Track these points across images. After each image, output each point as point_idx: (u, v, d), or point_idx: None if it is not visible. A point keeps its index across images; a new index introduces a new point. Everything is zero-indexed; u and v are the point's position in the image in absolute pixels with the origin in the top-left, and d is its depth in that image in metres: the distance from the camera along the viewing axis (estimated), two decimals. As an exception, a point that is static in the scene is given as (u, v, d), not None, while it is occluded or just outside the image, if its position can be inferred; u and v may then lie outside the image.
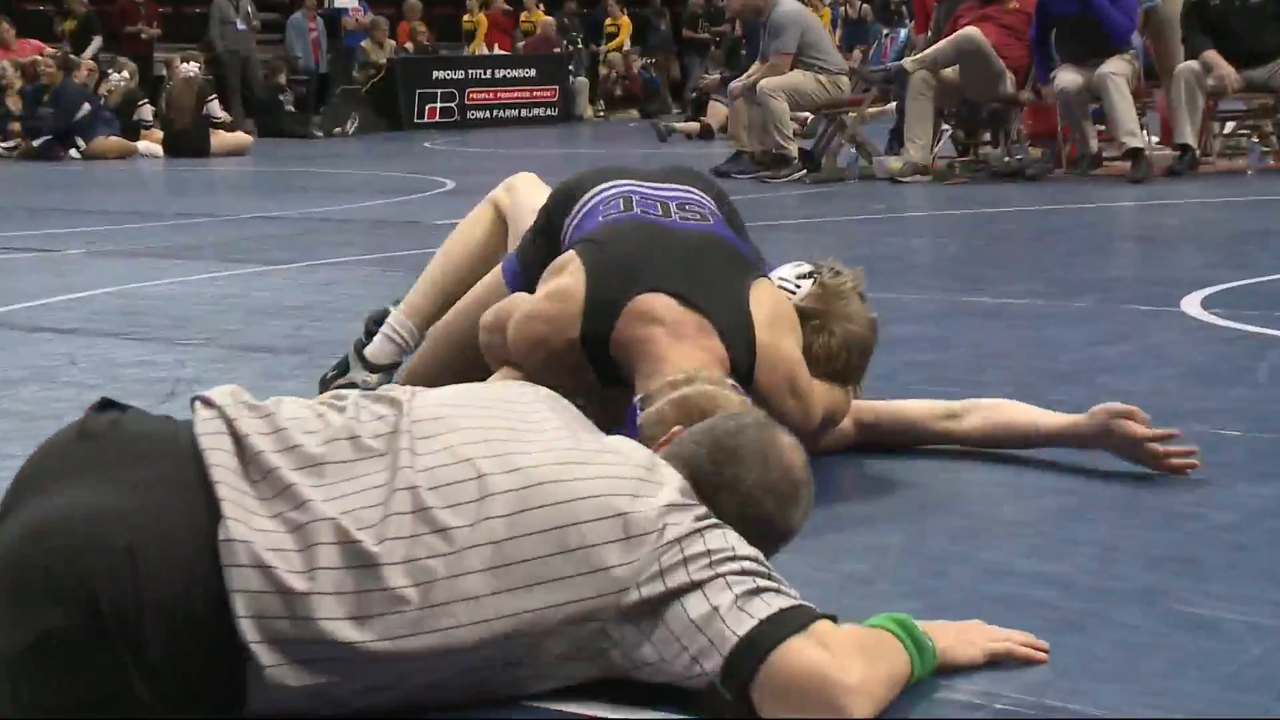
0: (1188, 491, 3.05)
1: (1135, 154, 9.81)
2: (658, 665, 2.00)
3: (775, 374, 3.00)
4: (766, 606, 1.97)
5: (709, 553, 2.00)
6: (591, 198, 3.30)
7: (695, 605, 1.97)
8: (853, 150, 11.42)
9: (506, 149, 17.32)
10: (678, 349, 2.90)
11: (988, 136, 11.07)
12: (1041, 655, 2.20)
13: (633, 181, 3.34)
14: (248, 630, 1.87)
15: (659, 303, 2.97)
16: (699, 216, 3.24)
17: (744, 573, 2.00)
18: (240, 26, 20.48)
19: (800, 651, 1.94)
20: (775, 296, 3.14)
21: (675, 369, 2.78)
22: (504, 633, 1.96)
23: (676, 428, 2.31)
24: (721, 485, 2.14)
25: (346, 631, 1.90)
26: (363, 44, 21.77)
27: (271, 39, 21.71)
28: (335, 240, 8.25)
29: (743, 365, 2.96)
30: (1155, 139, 10.67)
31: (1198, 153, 10.24)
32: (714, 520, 2.07)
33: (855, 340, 3.22)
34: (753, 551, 2.05)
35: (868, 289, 3.30)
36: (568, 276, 3.04)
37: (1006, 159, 10.64)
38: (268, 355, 4.81)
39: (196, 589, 1.87)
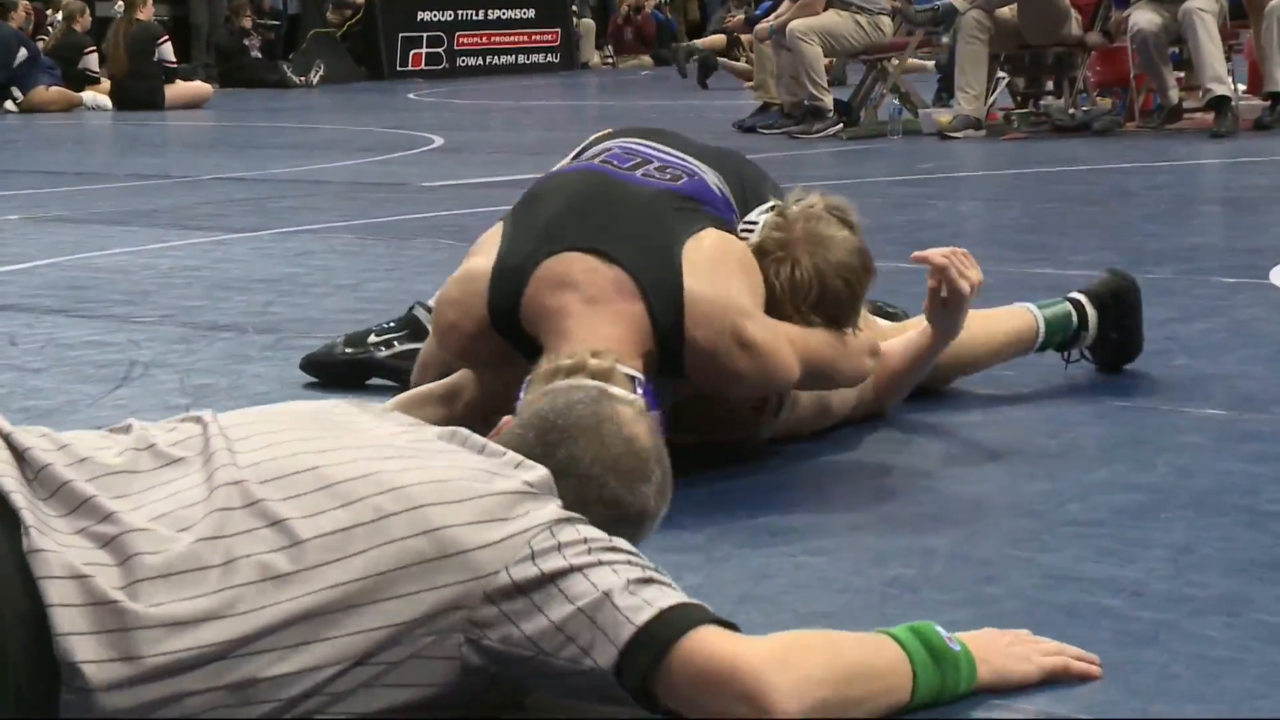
0: (1276, 487, 3.07)
1: (1220, 104, 9.80)
2: (532, 661, 1.96)
3: (711, 326, 2.99)
4: (666, 596, 1.96)
5: (585, 540, 2.00)
6: (601, 144, 3.41)
7: (578, 591, 1.95)
8: (895, 101, 11.41)
9: (502, 101, 17.35)
10: (588, 322, 2.94)
11: (1050, 85, 11.06)
12: (1096, 670, 2.21)
13: (648, 142, 3.39)
14: (75, 648, 1.86)
15: (574, 264, 3.02)
16: (670, 178, 3.26)
17: (630, 562, 2.00)
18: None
19: (715, 639, 1.94)
20: (722, 241, 3.13)
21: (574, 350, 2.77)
22: (356, 629, 1.94)
23: (506, 418, 2.28)
24: (557, 470, 2.10)
25: (180, 639, 1.89)
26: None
27: (234, -26, 21.75)
28: (308, 205, 8.28)
29: (667, 323, 2.98)
30: (1242, 87, 10.65)
31: (1291, 102, 10.24)
32: (572, 513, 2.06)
33: (830, 266, 3.12)
34: (629, 546, 2.04)
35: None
36: (479, 255, 3.12)
37: (1071, 111, 10.64)
38: (232, 334, 4.84)
39: (8, 608, 1.86)
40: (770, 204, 3.26)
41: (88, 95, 17.21)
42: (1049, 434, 3.51)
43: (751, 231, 3.21)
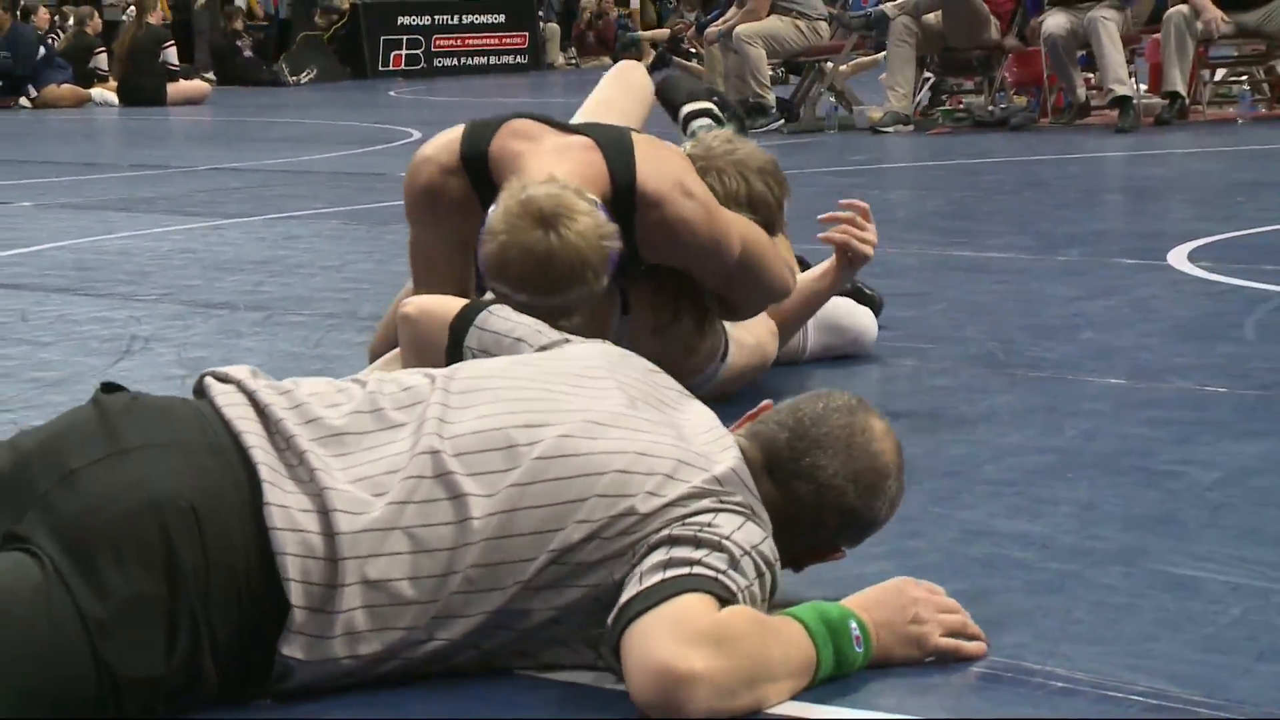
0: (1170, 449, 3.08)
1: (1123, 102, 9.81)
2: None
3: (662, 178, 3.10)
4: (660, 574, 1.93)
5: (708, 526, 1.99)
6: None
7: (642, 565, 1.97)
8: (832, 99, 11.40)
9: (474, 98, 17.28)
10: (548, 161, 3.00)
11: (970, 85, 11.07)
12: (981, 648, 2.11)
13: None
14: (294, 594, 1.91)
15: (534, 124, 3.17)
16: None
17: (695, 559, 1.95)
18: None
19: (646, 633, 1.88)
20: (658, 140, 3.28)
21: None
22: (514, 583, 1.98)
23: (766, 402, 2.26)
24: (799, 474, 2.13)
25: (365, 596, 1.94)
26: (324, -13, 21.68)
27: (229, -18, 21.62)
28: (296, 193, 8.24)
29: (622, 177, 3.08)
30: (1144, 87, 10.68)
31: (1187, 101, 10.26)
32: (741, 508, 2.03)
33: (751, 171, 3.32)
34: (753, 548, 1.99)
35: None
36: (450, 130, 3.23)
37: (990, 108, 10.64)
38: (226, 311, 4.81)
39: (251, 551, 1.91)
40: (686, 138, 3.52)
41: (96, 92, 17.09)
42: (968, 401, 3.51)
43: None
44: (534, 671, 2.07)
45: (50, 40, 17.78)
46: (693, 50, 14.75)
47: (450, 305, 2.59)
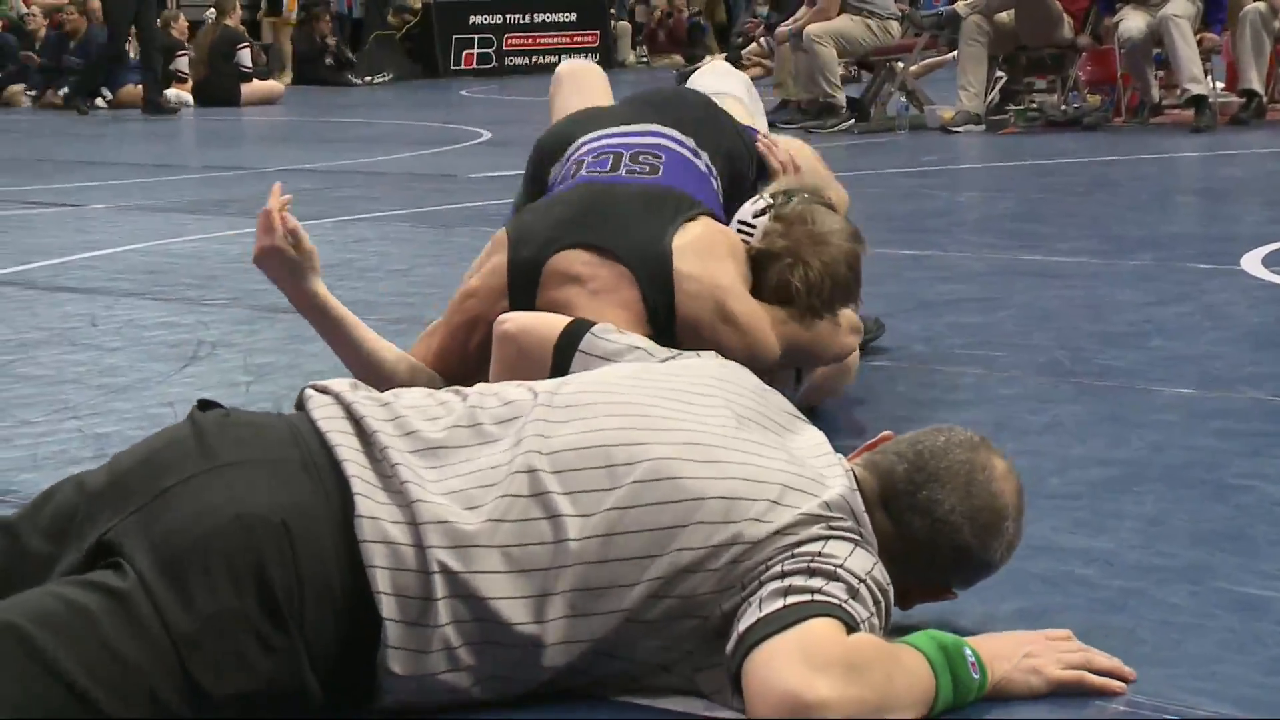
0: (1240, 462, 3.03)
1: (1198, 102, 9.71)
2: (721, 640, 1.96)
3: (697, 301, 3.02)
4: (780, 601, 1.89)
5: (818, 555, 1.94)
6: (581, 147, 3.41)
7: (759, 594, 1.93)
8: (902, 99, 11.34)
9: (545, 97, 17.30)
10: (593, 309, 2.91)
11: (1042, 84, 10.98)
12: (1120, 687, 2.04)
13: (611, 130, 3.42)
14: (385, 607, 1.89)
15: (575, 258, 3.04)
16: (649, 169, 3.29)
17: (813, 587, 1.91)
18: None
19: (772, 658, 1.84)
20: (708, 229, 3.13)
21: None
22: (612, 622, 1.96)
23: (886, 432, 2.22)
24: (915, 507, 2.08)
25: (461, 611, 1.92)
26: (398, -13, 21.78)
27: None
28: (365, 194, 8.25)
29: (659, 304, 3.00)
30: (1221, 85, 10.56)
31: (1265, 99, 10.14)
32: (850, 534, 1.99)
33: (836, 259, 3.10)
34: (865, 574, 1.95)
35: (917, 247, 3.30)
36: (496, 254, 3.12)
37: (1063, 108, 10.55)
38: (292, 317, 4.75)
39: (343, 565, 1.89)
40: (761, 204, 3.22)
41: (173, 93, 17.17)
42: (1032, 411, 3.47)
43: (750, 234, 3.19)
44: (641, 698, 2.03)
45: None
46: (753, 57, 14.63)
47: (553, 323, 2.59)
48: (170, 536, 1.85)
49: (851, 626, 1.89)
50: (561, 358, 2.49)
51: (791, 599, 1.88)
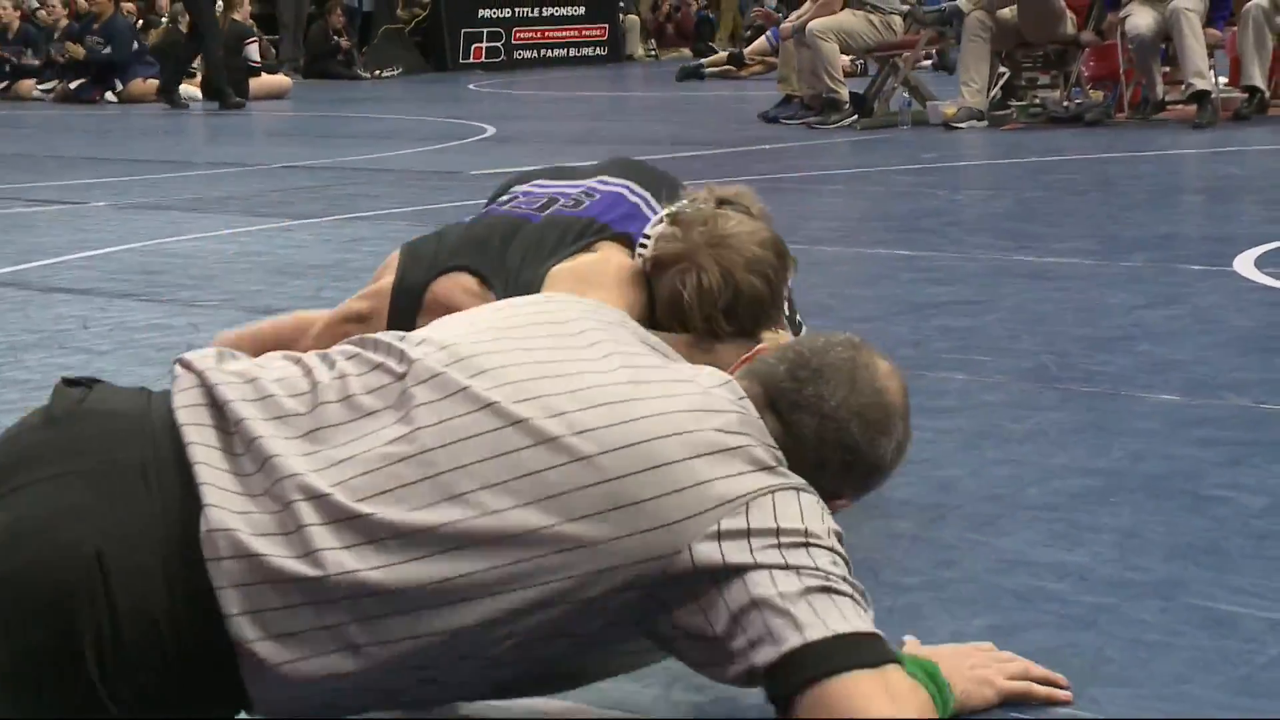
0: (1220, 472, 3.00)
1: (1201, 97, 9.67)
2: (706, 639, 1.79)
3: None
4: (842, 619, 1.76)
5: (777, 531, 1.78)
6: (522, 187, 3.20)
7: (759, 585, 1.76)
8: (905, 94, 11.32)
9: (554, 91, 17.29)
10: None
11: (1045, 80, 10.94)
12: (1064, 695, 2.04)
13: (562, 180, 3.18)
14: (244, 627, 1.72)
15: (458, 283, 2.86)
16: (574, 204, 3.04)
17: (815, 568, 1.78)
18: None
19: (869, 695, 1.73)
20: (601, 256, 2.85)
21: None
22: (538, 570, 1.76)
23: (761, 345, 2.10)
24: (801, 404, 1.94)
25: (355, 580, 1.73)
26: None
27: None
28: (367, 192, 8.24)
29: None
30: (1224, 80, 10.51)
31: (1267, 95, 10.10)
32: (786, 481, 1.84)
33: (742, 265, 2.64)
34: (827, 532, 1.82)
35: (911, 247, 3.22)
36: (386, 275, 2.96)
37: (1065, 104, 10.52)
38: (284, 319, 4.79)
39: (178, 588, 1.72)
40: (659, 215, 2.80)
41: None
42: (1016, 418, 3.44)
43: (641, 248, 2.80)
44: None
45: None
46: (755, 56, 14.59)
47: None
48: None
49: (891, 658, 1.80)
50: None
51: (860, 627, 1.77)
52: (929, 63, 13.11)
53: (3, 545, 1.72)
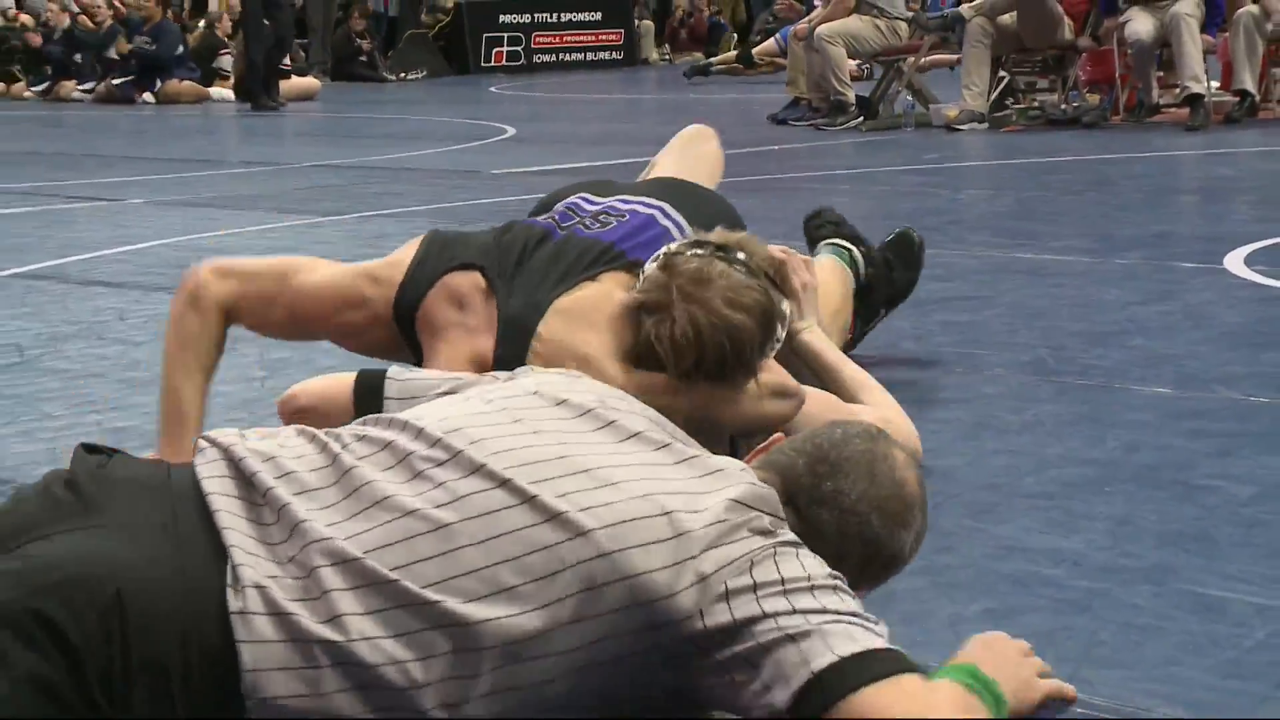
0: (1210, 462, 2.99)
1: (1194, 101, 9.64)
2: (724, 686, 1.77)
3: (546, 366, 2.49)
4: (851, 641, 1.74)
5: (782, 581, 1.77)
6: (562, 202, 3.11)
7: (769, 632, 1.74)
8: (910, 98, 11.29)
9: (572, 94, 17.28)
10: (446, 355, 2.71)
11: (1043, 83, 10.92)
12: (1072, 691, 2.01)
13: (602, 196, 3.10)
14: (262, 683, 1.68)
15: (469, 281, 2.75)
16: (600, 226, 2.96)
17: (822, 609, 1.76)
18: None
19: (894, 702, 1.70)
20: (603, 289, 2.76)
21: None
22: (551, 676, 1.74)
23: (778, 435, 2.05)
24: (821, 499, 1.92)
25: (385, 674, 1.70)
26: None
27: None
28: (390, 190, 8.23)
29: (509, 363, 2.57)
30: (1216, 84, 10.48)
31: (1257, 98, 10.07)
32: (786, 538, 1.82)
33: (713, 324, 2.51)
34: (829, 574, 1.81)
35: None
36: (406, 253, 2.85)
37: (1063, 107, 10.49)
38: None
39: (194, 641, 1.68)
40: (663, 249, 2.67)
41: (215, 90, 17.25)
42: (1013, 410, 3.43)
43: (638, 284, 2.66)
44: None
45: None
46: (765, 57, 14.54)
47: (342, 382, 2.38)
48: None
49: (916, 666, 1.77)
50: (368, 410, 2.21)
51: (869, 644, 1.73)
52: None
53: (27, 577, 1.68)
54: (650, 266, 2.64)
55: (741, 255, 2.57)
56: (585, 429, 1.92)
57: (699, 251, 2.58)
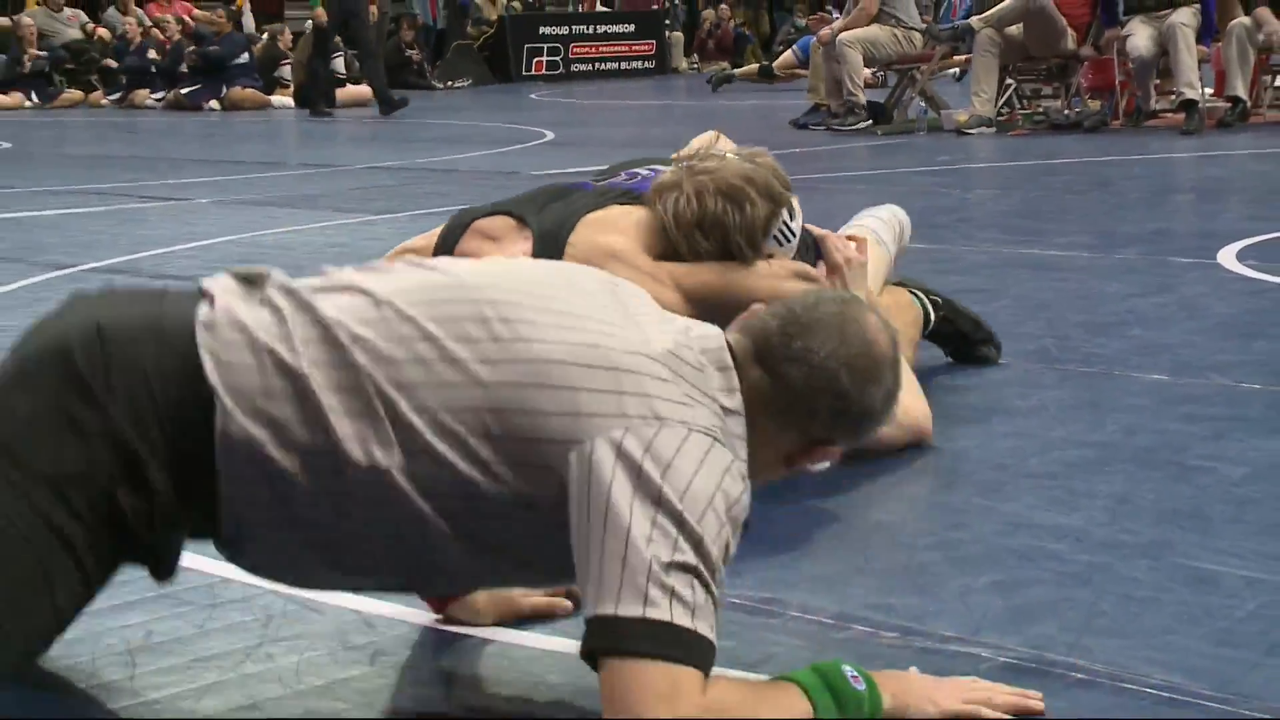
0: (1204, 445, 2.98)
1: (1189, 106, 9.58)
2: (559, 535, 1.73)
3: (581, 259, 2.59)
4: (667, 605, 1.64)
5: (665, 484, 1.67)
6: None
7: (616, 523, 1.66)
8: (922, 103, 11.25)
9: (606, 100, 17.26)
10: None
11: (1048, 90, 10.87)
12: (1036, 705, 1.86)
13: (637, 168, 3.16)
14: (223, 396, 1.72)
15: (498, 223, 2.84)
16: (628, 176, 3.04)
17: (676, 544, 1.65)
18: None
19: (654, 682, 1.62)
20: (627, 209, 2.82)
21: None
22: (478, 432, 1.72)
23: (757, 305, 1.95)
24: (791, 357, 1.83)
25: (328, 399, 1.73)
26: (476, 1, 21.75)
27: (393, -2, 21.72)
28: (438, 190, 8.24)
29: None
30: (1210, 90, 10.42)
31: (1249, 104, 10.01)
32: (703, 432, 1.72)
33: (710, 188, 2.64)
34: (714, 503, 1.69)
35: (927, 241, 3.14)
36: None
37: (1066, 112, 10.43)
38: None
39: (166, 351, 1.75)
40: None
41: (276, 97, 17.27)
42: (1021, 395, 3.42)
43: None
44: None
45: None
46: (785, 70, 14.45)
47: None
48: (12, 362, 1.80)
49: (708, 657, 1.67)
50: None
51: (653, 611, 1.63)
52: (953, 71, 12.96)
53: (29, 337, 1.82)
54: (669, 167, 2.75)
55: (749, 154, 2.73)
56: (550, 281, 1.88)
57: (714, 153, 2.72)
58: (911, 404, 2.87)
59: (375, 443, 1.73)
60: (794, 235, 2.77)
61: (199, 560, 2.40)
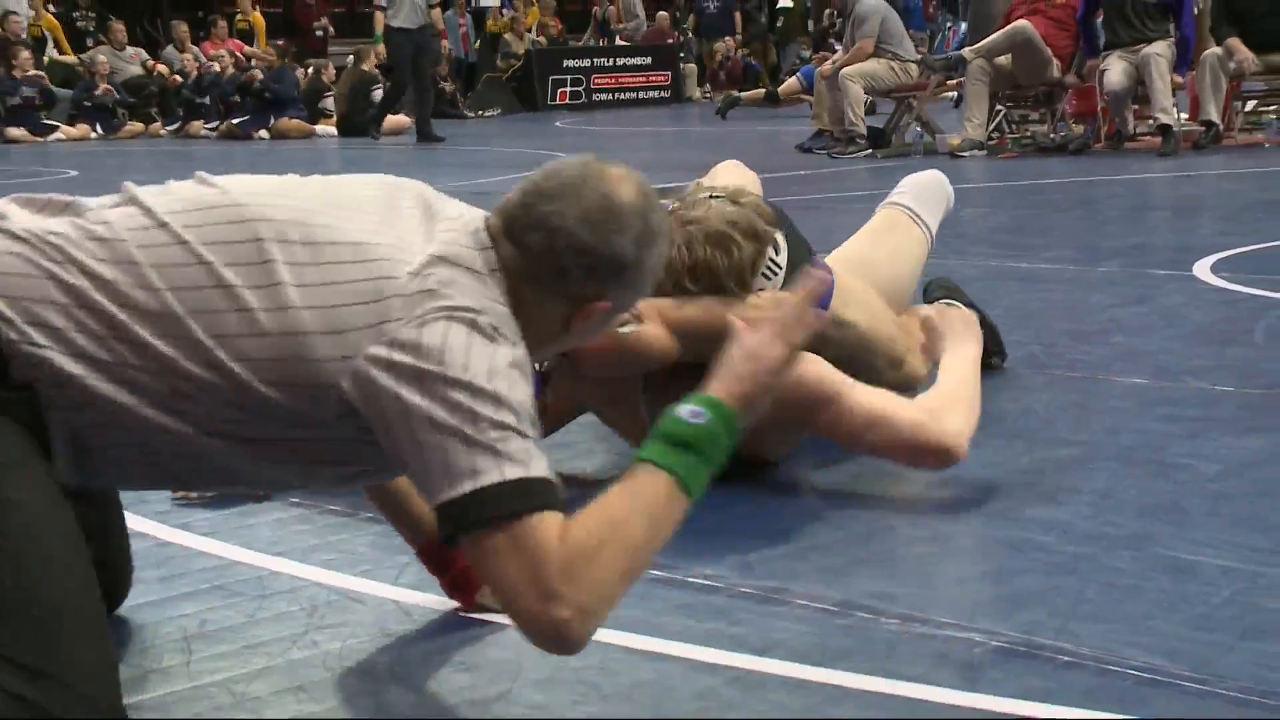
0: (1181, 444, 2.96)
1: (1166, 130, 9.56)
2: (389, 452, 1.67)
3: None
4: (493, 467, 1.58)
5: (443, 349, 1.62)
6: None
7: (416, 417, 1.60)
8: (918, 129, 11.23)
9: (625, 126, 17.27)
10: None
11: (1035, 116, 10.84)
12: (820, 286, 1.81)
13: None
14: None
15: None
16: None
17: (473, 410, 1.60)
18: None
19: (503, 575, 1.57)
20: None
21: None
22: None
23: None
24: (531, 225, 1.74)
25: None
26: (505, 36, 21.79)
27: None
28: (471, 211, 8.23)
29: None
30: (1185, 115, 10.39)
31: (1221, 128, 9.97)
32: (462, 315, 1.66)
33: (700, 237, 2.62)
34: (491, 374, 1.62)
35: None
36: None
37: (1052, 136, 10.41)
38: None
39: None
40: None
41: (320, 127, 17.32)
42: (1011, 399, 3.41)
43: None
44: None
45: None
46: (789, 95, 14.41)
47: None
48: None
49: (552, 499, 1.60)
50: None
51: (483, 480, 1.58)
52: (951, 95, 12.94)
53: None
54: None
55: (731, 194, 2.70)
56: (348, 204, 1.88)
57: (700, 196, 2.71)
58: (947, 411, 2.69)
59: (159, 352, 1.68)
60: (780, 268, 2.75)
61: (249, 555, 2.41)
